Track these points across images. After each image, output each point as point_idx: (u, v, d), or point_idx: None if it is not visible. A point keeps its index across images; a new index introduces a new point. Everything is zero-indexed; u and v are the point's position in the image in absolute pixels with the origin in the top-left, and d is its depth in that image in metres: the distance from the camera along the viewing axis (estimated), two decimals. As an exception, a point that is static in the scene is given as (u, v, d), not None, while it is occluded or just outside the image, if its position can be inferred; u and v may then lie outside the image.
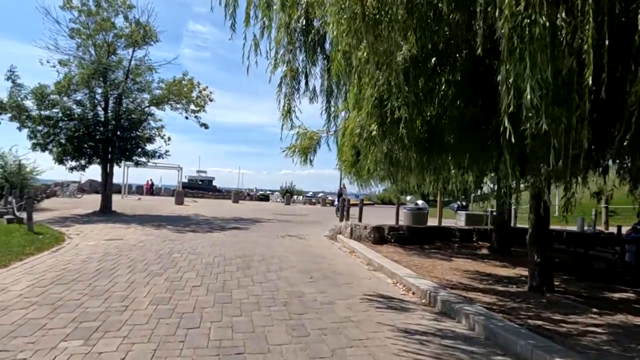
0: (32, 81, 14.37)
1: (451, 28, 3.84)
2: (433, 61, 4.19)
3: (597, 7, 2.54)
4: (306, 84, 4.99)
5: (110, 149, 16.08)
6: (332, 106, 4.89)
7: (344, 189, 38.56)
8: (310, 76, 4.96)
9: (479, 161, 4.24)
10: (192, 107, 17.52)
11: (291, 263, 7.53)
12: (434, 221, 15.16)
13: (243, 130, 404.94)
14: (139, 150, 16.96)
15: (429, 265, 7.71)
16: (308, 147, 6.86)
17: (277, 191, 46.13)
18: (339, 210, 13.94)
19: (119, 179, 29.61)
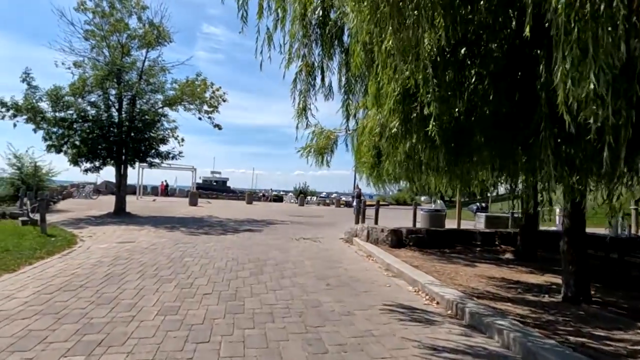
0: (47, 85, 14.43)
1: (483, 13, 3.48)
2: (462, 52, 3.82)
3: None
4: (322, 79, 4.65)
5: (124, 150, 16.07)
6: (350, 103, 4.56)
7: (357, 190, 38.17)
8: (327, 71, 4.61)
9: (514, 161, 3.84)
10: (205, 107, 17.42)
11: (306, 268, 7.23)
12: (451, 223, 14.66)
13: (257, 132, 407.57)
14: (153, 151, 16.93)
15: (451, 271, 7.30)
16: (324, 147, 6.51)
17: (290, 192, 45.96)
18: (360, 213, 13.60)
19: (134, 180, 29.88)
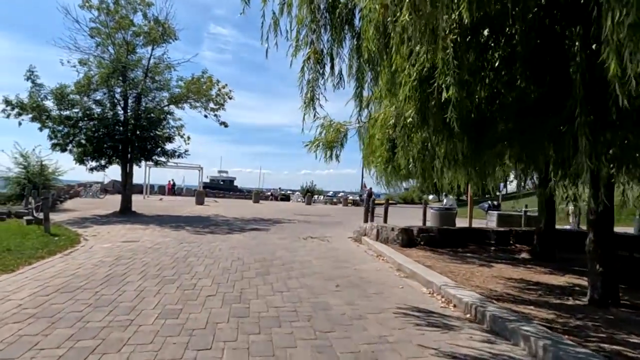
0: (52, 85, 14.34)
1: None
2: (485, 33, 3.49)
3: None
4: (332, 68, 4.32)
5: (129, 148, 15.91)
6: (362, 91, 4.24)
7: (365, 189, 37.91)
8: (337, 58, 4.31)
9: (542, 153, 3.50)
10: (211, 105, 17.20)
11: (314, 268, 6.94)
12: (460, 222, 14.25)
13: (264, 131, 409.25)
14: (159, 149, 16.77)
15: (466, 271, 6.96)
16: (334, 140, 6.17)
17: (297, 191, 45.75)
18: (368, 212, 13.31)
19: (141, 179, 29.85)
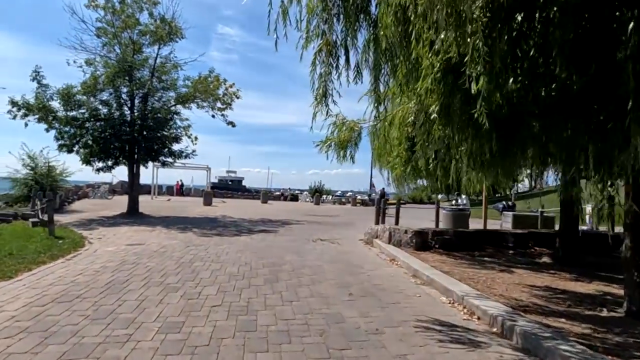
0: (59, 86, 14.19)
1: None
2: (519, 19, 3.11)
3: None
4: (347, 60, 3.97)
5: (136, 149, 15.73)
6: (380, 84, 3.88)
7: (373, 188, 37.44)
8: (352, 49, 3.95)
9: (585, 150, 3.10)
10: (218, 104, 16.96)
11: (325, 274, 6.59)
12: (473, 223, 13.77)
13: (272, 131, 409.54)
14: (166, 150, 16.57)
15: (486, 278, 6.56)
16: (347, 139, 5.80)
17: (306, 191, 45.46)
18: (380, 213, 12.95)
19: (149, 180, 29.81)
